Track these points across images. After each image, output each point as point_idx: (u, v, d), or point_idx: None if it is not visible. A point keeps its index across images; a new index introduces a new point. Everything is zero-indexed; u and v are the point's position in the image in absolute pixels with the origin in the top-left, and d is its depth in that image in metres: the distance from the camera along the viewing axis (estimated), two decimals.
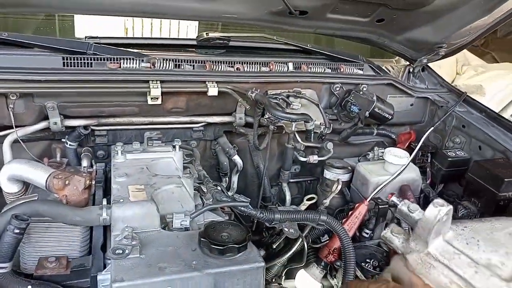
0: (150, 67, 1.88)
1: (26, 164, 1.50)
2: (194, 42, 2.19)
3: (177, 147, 1.71)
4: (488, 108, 2.31)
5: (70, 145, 1.93)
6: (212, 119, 2.13)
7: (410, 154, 2.10)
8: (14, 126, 1.76)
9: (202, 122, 2.13)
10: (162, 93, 1.87)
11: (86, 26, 2.42)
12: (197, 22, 2.79)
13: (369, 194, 2.06)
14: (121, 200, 1.33)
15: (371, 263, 1.89)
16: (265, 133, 2.19)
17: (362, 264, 1.87)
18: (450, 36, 2.21)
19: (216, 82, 1.93)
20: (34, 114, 1.82)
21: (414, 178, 2.17)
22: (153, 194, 1.38)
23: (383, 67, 2.57)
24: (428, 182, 2.25)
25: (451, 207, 0.76)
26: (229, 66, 2.05)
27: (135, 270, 1.12)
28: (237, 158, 2.22)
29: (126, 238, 1.19)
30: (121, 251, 1.13)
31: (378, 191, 2.08)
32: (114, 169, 1.55)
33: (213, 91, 1.91)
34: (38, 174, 1.46)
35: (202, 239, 1.22)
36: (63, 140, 1.95)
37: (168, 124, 2.07)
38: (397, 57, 2.72)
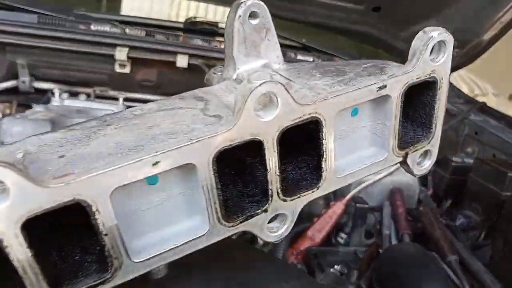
0: (121, 33, 1.85)
1: None
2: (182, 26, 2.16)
3: (120, 99, 1.60)
4: (508, 116, 1.95)
5: None
6: None
7: None
8: None
9: None
10: (131, 60, 1.83)
11: (134, 5, 2.55)
12: None
13: (349, 192, 1.75)
14: (18, 117, 1.22)
15: (338, 268, 1.55)
16: None
17: (328, 268, 1.55)
18: (459, 32, 1.95)
19: (188, 54, 1.85)
20: (4, 71, 1.83)
21: (409, 183, 1.82)
22: (60, 120, 1.25)
23: None
24: (429, 192, 1.88)
25: (260, 3, 0.54)
26: (206, 42, 1.96)
27: None
28: None
29: None
30: None
31: (360, 190, 1.77)
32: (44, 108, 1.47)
33: (182, 61, 1.83)
34: None
35: None
36: (33, 105, 1.93)
37: (140, 102, 1.98)
38: None
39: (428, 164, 0.60)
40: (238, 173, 0.51)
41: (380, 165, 0.55)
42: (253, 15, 0.54)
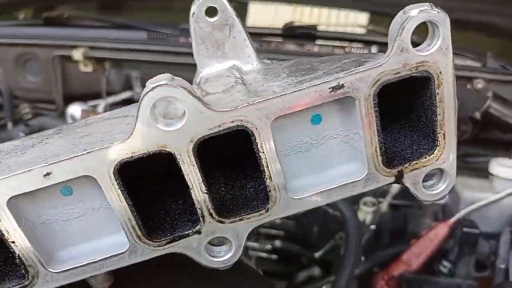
0: None
1: (80, 105, 1.75)
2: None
3: None
4: None
5: None
6: None
7: None
8: (105, 94, 2.05)
9: None
10: None
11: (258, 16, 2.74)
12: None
13: (457, 213, 1.50)
14: None
15: None
16: None
17: None
18: None
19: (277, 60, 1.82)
20: (122, 84, 2.08)
21: None
22: None
23: None
24: None
25: None
26: (299, 47, 1.90)
27: None
28: None
29: None
30: None
31: (471, 211, 1.50)
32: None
33: None
34: (78, 110, 1.67)
35: None
36: None
37: None
38: None
39: (442, 188, 0.44)
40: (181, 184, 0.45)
41: (358, 186, 0.43)
42: (210, 11, 0.48)
